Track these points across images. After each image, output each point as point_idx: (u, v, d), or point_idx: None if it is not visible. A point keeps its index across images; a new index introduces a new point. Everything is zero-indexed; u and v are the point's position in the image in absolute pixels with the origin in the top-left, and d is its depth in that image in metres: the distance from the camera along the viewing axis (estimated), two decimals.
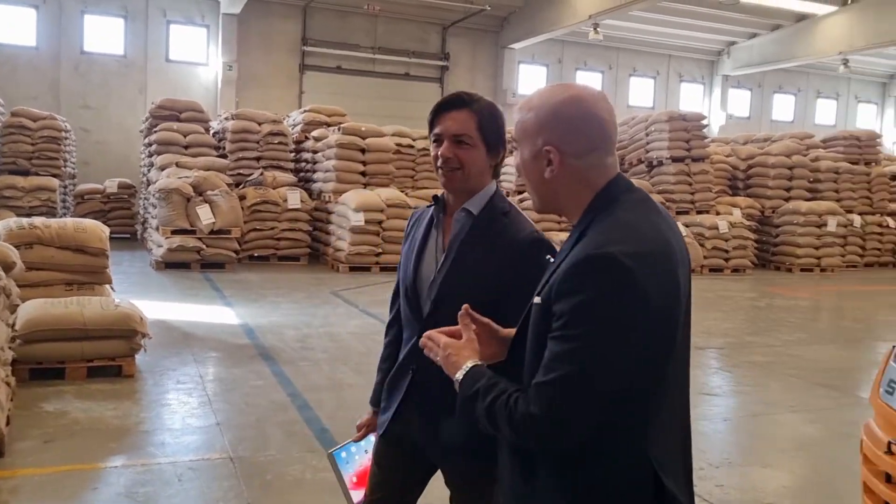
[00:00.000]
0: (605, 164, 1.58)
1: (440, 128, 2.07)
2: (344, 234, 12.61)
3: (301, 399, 5.47)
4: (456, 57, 23.80)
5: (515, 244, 2.02)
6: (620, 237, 1.45)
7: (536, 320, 1.52)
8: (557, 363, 1.42)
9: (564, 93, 1.57)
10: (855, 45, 21.12)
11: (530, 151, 1.58)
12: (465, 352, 1.65)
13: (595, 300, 1.40)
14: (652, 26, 23.13)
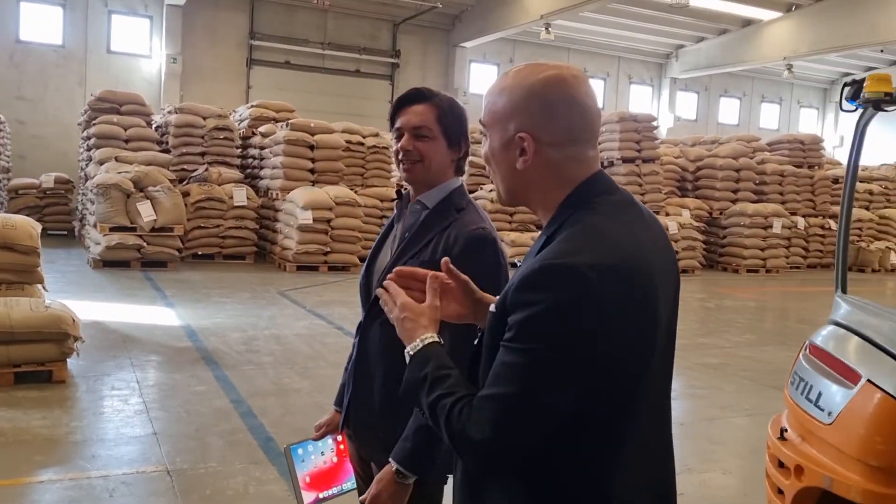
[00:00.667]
0: (585, 158, 1.39)
1: (401, 121, 2.04)
2: (292, 233, 12.31)
3: (245, 406, 5.21)
4: (407, 54, 23.59)
5: (456, 238, 1.96)
6: (588, 245, 1.28)
7: (491, 329, 1.36)
8: (501, 379, 1.27)
9: (542, 72, 1.38)
10: (799, 50, 21.56)
11: (500, 138, 1.39)
12: (424, 319, 1.46)
13: (548, 314, 1.24)
14: (602, 28, 23.26)
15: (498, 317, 1.33)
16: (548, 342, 1.24)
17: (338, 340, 7.44)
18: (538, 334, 1.24)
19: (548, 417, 1.27)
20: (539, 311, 1.24)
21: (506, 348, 1.28)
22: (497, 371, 1.28)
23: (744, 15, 22.31)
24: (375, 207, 13.52)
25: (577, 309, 1.23)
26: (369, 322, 2.07)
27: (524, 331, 1.26)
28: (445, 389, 1.34)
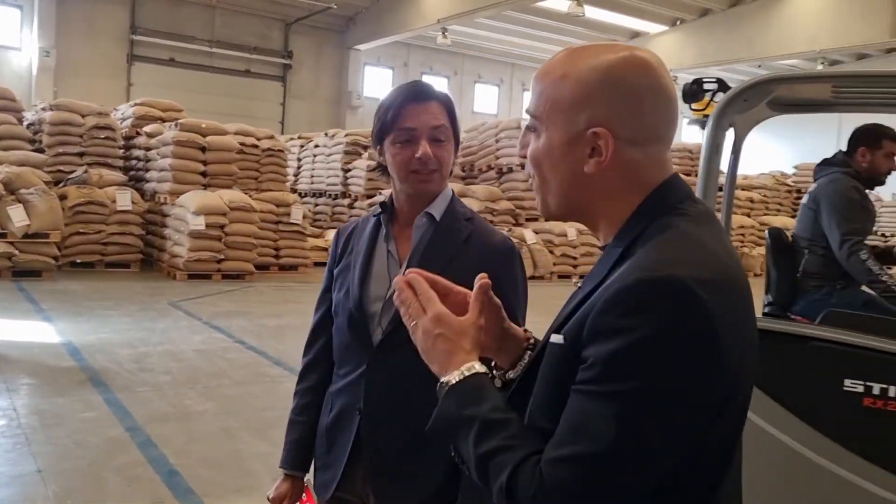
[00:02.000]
0: (665, 159, 1.13)
1: (414, 122, 1.71)
2: (182, 239, 11.58)
3: (142, 434, 4.68)
4: (300, 55, 23.01)
5: (488, 252, 1.72)
6: (689, 257, 1.01)
7: (555, 363, 1.08)
8: (581, 434, 0.97)
9: (617, 52, 1.10)
10: (683, 64, 22.37)
11: (565, 134, 1.10)
12: (466, 341, 1.14)
13: (650, 344, 0.95)
14: (497, 34, 23.44)
15: (567, 348, 1.04)
16: (650, 381, 0.95)
17: (240, 356, 6.93)
18: (636, 371, 0.95)
19: (647, 481, 0.99)
20: (636, 341, 0.95)
21: (587, 392, 0.99)
22: (572, 422, 0.99)
23: (632, 27, 22.99)
24: (271, 213, 12.94)
25: (688, 335, 0.96)
26: (380, 361, 1.74)
27: (616, 367, 0.96)
28: (505, 441, 1.04)
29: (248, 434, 4.85)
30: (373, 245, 1.81)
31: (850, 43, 18.42)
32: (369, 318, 1.76)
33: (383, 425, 1.73)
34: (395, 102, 1.73)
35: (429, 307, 1.17)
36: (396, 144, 1.72)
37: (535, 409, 1.11)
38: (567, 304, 1.14)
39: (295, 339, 7.84)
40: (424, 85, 1.79)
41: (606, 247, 1.13)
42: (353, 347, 1.78)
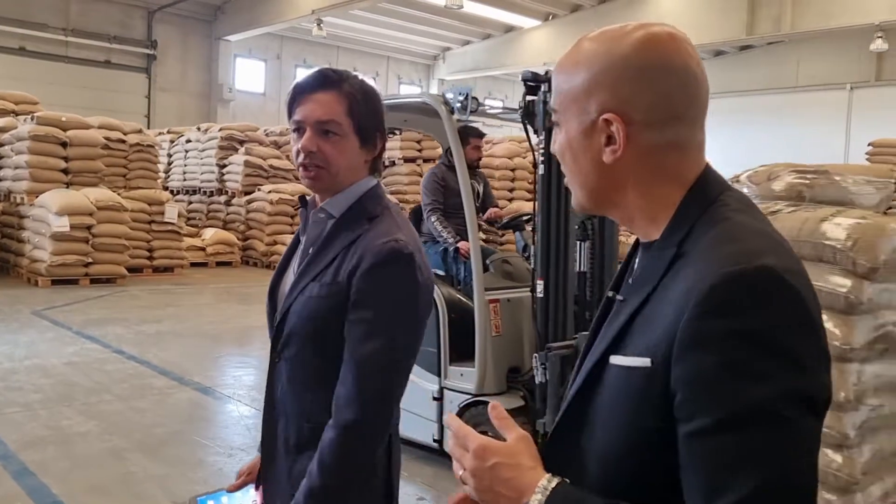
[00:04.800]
0: (693, 143, 1.03)
1: (301, 113, 1.61)
2: (43, 242, 10.68)
3: (17, 462, 4.18)
4: (164, 45, 21.85)
5: (366, 252, 1.56)
6: (765, 246, 0.92)
7: (629, 390, 0.95)
8: (741, 467, 0.84)
9: (629, 33, 1.02)
10: (556, 57, 22.33)
11: (579, 124, 1.03)
12: (524, 458, 0.99)
13: (769, 341, 0.86)
14: (372, 27, 23.15)
15: (657, 368, 0.91)
16: (778, 383, 0.84)
17: (121, 367, 6.40)
18: (760, 376, 0.84)
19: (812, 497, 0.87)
20: (756, 344, 0.85)
21: (718, 421, 0.85)
22: (719, 464, 0.85)
23: (506, 21, 23.27)
24: (143, 212, 12.20)
25: (798, 330, 0.88)
26: (274, 358, 1.69)
27: (733, 380, 0.85)
28: None
29: (139, 455, 4.43)
30: (297, 238, 1.77)
31: (710, 39, 19.34)
32: (279, 314, 1.70)
33: (273, 423, 1.69)
34: (293, 90, 1.64)
35: (470, 444, 1.02)
36: (292, 135, 1.65)
37: (606, 448, 0.98)
38: (613, 319, 1.03)
39: (179, 346, 7.35)
40: (324, 73, 1.64)
41: (651, 249, 1.03)
42: (272, 339, 1.73)
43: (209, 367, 6.83)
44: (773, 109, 22.83)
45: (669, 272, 0.97)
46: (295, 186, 14.34)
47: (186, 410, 5.44)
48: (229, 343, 7.88)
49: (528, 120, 4.03)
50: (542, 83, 3.98)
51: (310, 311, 1.59)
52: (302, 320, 1.60)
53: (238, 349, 7.66)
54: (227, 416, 5.44)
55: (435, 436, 4.39)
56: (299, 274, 1.65)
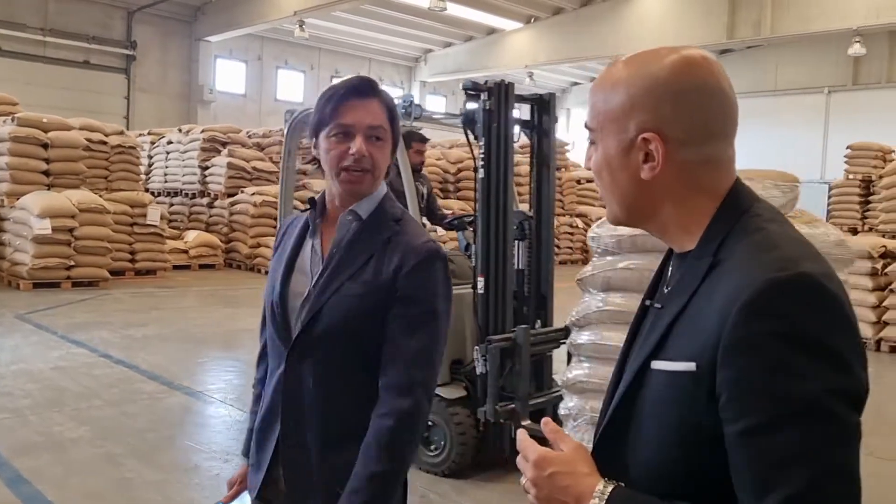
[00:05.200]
0: (725, 158, 1.10)
1: (350, 118, 1.66)
2: (25, 245, 10.54)
3: (11, 469, 4.12)
4: (144, 46, 21.67)
5: (409, 252, 1.67)
6: (802, 253, 0.99)
7: (675, 393, 1.00)
8: (786, 471, 0.89)
9: (664, 57, 1.08)
10: (538, 59, 23.00)
11: (618, 143, 1.10)
12: (581, 465, 1.05)
13: (811, 343, 0.91)
14: (354, 28, 23.11)
15: (702, 375, 0.96)
16: (821, 381, 0.90)
17: (109, 372, 6.33)
18: (802, 377, 0.89)
19: (858, 493, 0.91)
20: (799, 346, 0.90)
21: (765, 423, 0.90)
22: (769, 462, 0.89)
23: (488, 24, 23.33)
24: (125, 214, 12.06)
25: (838, 332, 0.93)
26: (296, 359, 1.69)
27: (778, 381, 0.90)
28: None
29: (133, 460, 4.39)
30: (301, 240, 1.79)
31: (691, 43, 19.36)
32: (290, 315, 1.72)
33: (299, 425, 1.68)
34: (336, 95, 1.68)
35: (530, 455, 1.09)
36: (331, 138, 1.67)
37: (656, 451, 1.03)
38: (653, 326, 1.09)
39: (167, 349, 7.28)
40: (368, 81, 1.73)
41: (687, 260, 1.09)
42: (276, 343, 1.74)
43: (198, 370, 6.77)
44: (752, 113, 22.99)
45: (707, 280, 1.02)
46: (278, 189, 14.24)
47: (178, 415, 5.39)
48: (216, 346, 7.82)
49: (469, 126, 4.32)
50: (482, 92, 4.29)
51: (349, 309, 1.63)
52: (339, 319, 1.64)
53: (226, 352, 7.60)
54: (219, 421, 5.40)
55: None
56: (330, 274, 1.68)
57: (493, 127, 4.27)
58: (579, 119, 30.07)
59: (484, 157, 4.28)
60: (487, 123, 4.27)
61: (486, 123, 4.26)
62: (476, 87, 4.32)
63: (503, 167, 4.33)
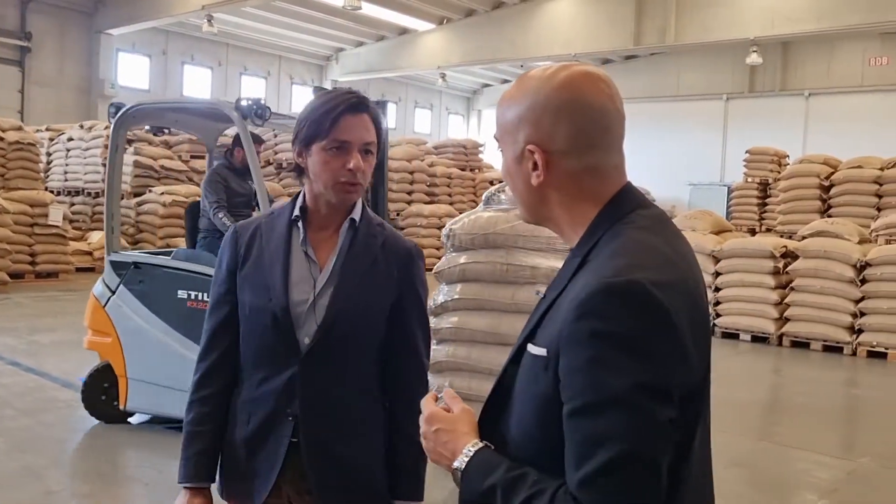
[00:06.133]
0: (609, 167, 1.24)
1: (348, 134, 1.74)
2: None
3: None
4: (40, 37, 20.60)
5: (407, 254, 1.86)
6: (643, 261, 1.12)
7: (538, 374, 1.15)
8: (592, 449, 1.04)
9: (554, 76, 1.22)
10: (450, 61, 23.15)
11: (512, 153, 1.26)
12: (462, 425, 1.24)
13: (624, 345, 1.05)
14: (264, 25, 22.64)
15: (549, 359, 1.12)
16: (631, 378, 1.04)
17: (19, 380, 6.03)
18: (620, 372, 1.04)
19: (660, 476, 1.05)
20: (612, 344, 1.05)
21: (581, 407, 1.06)
22: (583, 439, 1.06)
23: (401, 24, 23.32)
24: (25, 214, 11.48)
25: (654, 335, 1.06)
26: (312, 365, 1.75)
27: (600, 373, 1.05)
28: (530, 490, 1.11)
29: (56, 472, 4.19)
30: (288, 248, 1.80)
31: (599, 48, 20.08)
32: (295, 323, 1.75)
33: (322, 427, 1.75)
34: (335, 111, 1.73)
35: (424, 412, 1.26)
36: (329, 151, 1.73)
37: (519, 421, 1.17)
38: (533, 312, 1.23)
39: (79, 356, 6.92)
40: (362, 97, 1.80)
41: (567, 256, 1.24)
42: (275, 351, 1.76)
43: None
44: (655, 117, 23.87)
45: (574, 277, 1.16)
46: (188, 188, 13.85)
47: (97, 423, 5.17)
48: None
49: None
50: None
51: (365, 312, 1.77)
52: (357, 323, 1.76)
53: None
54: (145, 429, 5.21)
55: None
56: (340, 280, 1.76)
57: None
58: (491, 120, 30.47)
59: None
60: None
61: None
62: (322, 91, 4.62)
63: None
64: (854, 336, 8.97)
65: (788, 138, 20.06)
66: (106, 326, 4.99)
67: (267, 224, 1.84)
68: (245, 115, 4.67)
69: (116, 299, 4.97)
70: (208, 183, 5.77)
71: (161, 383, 4.75)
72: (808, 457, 5.31)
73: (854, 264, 8.91)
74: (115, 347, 4.94)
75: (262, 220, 1.87)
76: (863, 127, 20.51)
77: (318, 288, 1.76)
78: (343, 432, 1.77)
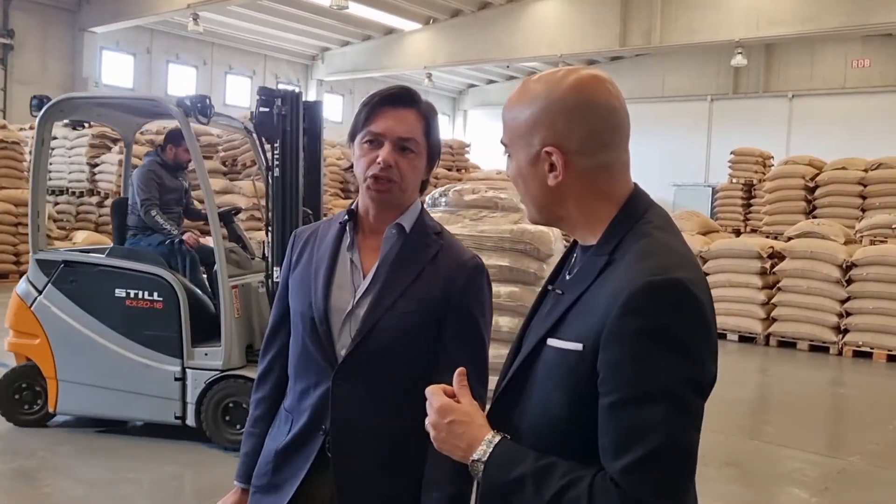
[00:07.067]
0: (619, 164, 1.30)
1: (382, 126, 1.65)
2: None
3: None
4: (22, 35, 20.41)
5: (460, 268, 1.70)
6: (678, 261, 1.19)
7: (566, 368, 1.20)
8: (639, 437, 1.11)
9: (563, 79, 1.28)
10: (436, 61, 23.14)
11: (526, 156, 1.30)
12: (478, 418, 1.26)
13: (670, 340, 1.12)
14: (250, 24, 22.54)
15: (586, 354, 1.17)
16: (674, 373, 1.11)
17: None
18: (660, 367, 1.11)
19: (694, 463, 1.16)
20: (660, 338, 1.11)
21: (627, 398, 1.11)
22: (629, 428, 1.12)
23: (387, 24, 23.29)
24: (9, 214, 11.38)
25: (695, 331, 1.14)
26: (346, 376, 1.65)
27: (649, 365, 1.11)
28: (564, 478, 1.15)
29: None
30: (335, 253, 1.73)
31: (585, 49, 20.13)
32: (332, 331, 1.67)
33: (352, 446, 1.65)
34: (372, 101, 1.68)
35: (434, 402, 1.28)
36: (363, 145, 1.66)
37: (544, 413, 1.21)
38: (552, 308, 1.27)
39: None
40: (409, 91, 1.71)
41: (588, 255, 1.28)
42: (314, 360, 1.68)
43: None
44: (640, 118, 23.82)
45: (601, 275, 1.22)
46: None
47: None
48: None
49: (261, 129, 4.76)
50: (276, 98, 4.75)
51: (404, 326, 1.64)
52: (394, 337, 1.63)
53: None
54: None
55: (177, 413, 4.73)
56: (380, 290, 1.65)
57: (286, 131, 4.70)
58: (476, 121, 30.48)
59: (279, 158, 4.70)
60: (281, 127, 4.69)
61: (280, 127, 4.67)
62: (271, 93, 4.77)
63: (294, 167, 4.77)
64: (840, 336, 9.07)
65: (772, 139, 20.20)
66: (32, 327, 4.87)
67: (323, 228, 1.79)
68: (188, 112, 4.66)
69: (44, 299, 4.85)
70: (141, 180, 5.67)
71: (96, 384, 4.72)
72: (798, 455, 5.37)
73: (840, 265, 9.02)
74: (43, 349, 4.83)
75: (321, 224, 1.82)
76: (845, 128, 20.72)
77: (357, 295, 1.67)
78: (375, 454, 1.65)
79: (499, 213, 4.76)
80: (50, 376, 4.79)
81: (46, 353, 4.81)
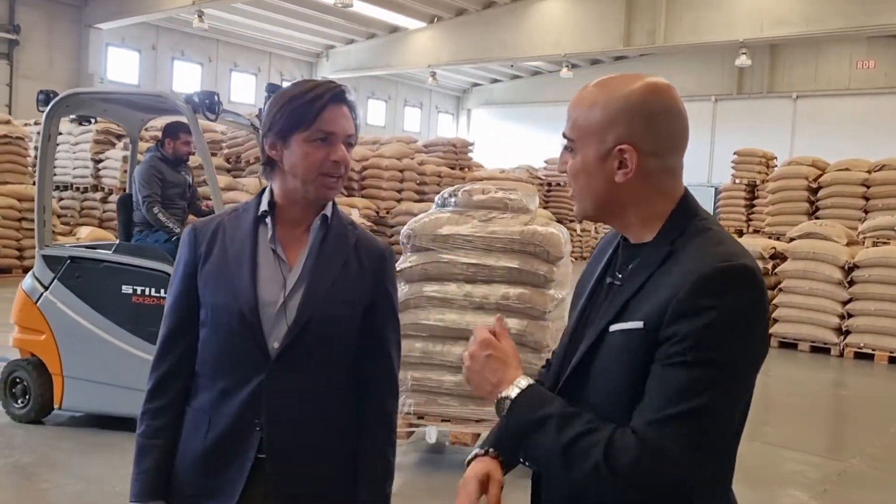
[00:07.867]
0: (679, 168, 1.38)
1: (335, 126, 1.67)
2: None
3: None
4: (28, 31, 20.46)
5: (380, 256, 1.79)
6: (741, 250, 1.29)
7: (634, 349, 1.26)
8: (681, 397, 1.19)
9: (636, 82, 1.34)
10: (440, 60, 23.18)
11: (596, 152, 1.34)
12: (513, 360, 1.34)
13: (733, 318, 1.21)
14: (255, 21, 22.61)
15: (649, 333, 1.24)
16: (737, 345, 1.21)
17: None
18: (725, 340, 1.20)
19: (729, 431, 1.26)
20: (724, 315, 1.20)
21: (680, 363, 1.20)
22: (674, 388, 1.19)
23: (391, 22, 23.32)
24: (13, 208, 11.40)
25: (759, 309, 1.25)
26: (282, 370, 1.64)
27: (709, 338, 1.19)
28: (587, 425, 1.23)
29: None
30: (254, 246, 1.69)
31: (589, 49, 20.17)
32: (264, 325, 1.65)
33: (289, 438, 1.65)
34: (320, 100, 1.65)
35: (479, 335, 1.36)
36: (312, 143, 1.64)
37: (608, 395, 1.27)
38: (613, 298, 1.34)
39: None
40: (343, 86, 1.73)
41: (646, 247, 1.34)
42: (242, 356, 1.65)
43: None
44: None
45: (664, 265, 1.28)
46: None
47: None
48: None
49: None
50: None
51: (341, 315, 1.69)
52: (332, 326, 1.68)
53: None
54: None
55: None
56: (312, 281, 1.66)
57: None
58: (480, 119, 30.47)
59: None
60: None
61: None
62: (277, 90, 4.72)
63: None
64: (841, 337, 9.06)
65: (776, 140, 20.22)
66: (38, 323, 4.82)
67: (230, 221, 1.73)
68: (196, 108, 4.59)
69: (50, 295, 4.80)
70: (143, 176, 5.59)
71: (102, 381, 4.66)
72: (798, 457, 5.37)
73: (842, 266, 9.00)
74: (49, 345, 4.78)
75: (223, 217, 1.75)
76: (849, 129, 20.71)
77: (288, 288, 1.65)
78: (313, 444, 1.67)
79: (508, 214, 4.60)
80: (55, 373, 4.77)
81: (52, 349, 4.78)
